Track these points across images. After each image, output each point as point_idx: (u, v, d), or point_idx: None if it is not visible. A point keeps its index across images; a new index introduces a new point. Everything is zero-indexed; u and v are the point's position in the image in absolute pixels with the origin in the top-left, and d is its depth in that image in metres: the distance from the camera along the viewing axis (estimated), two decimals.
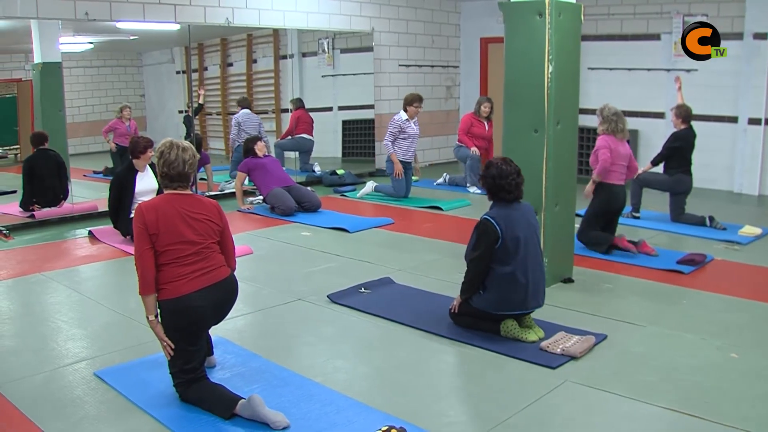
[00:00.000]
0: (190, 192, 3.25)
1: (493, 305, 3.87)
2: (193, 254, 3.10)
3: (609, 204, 5.73)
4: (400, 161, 8.05)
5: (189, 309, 3.07)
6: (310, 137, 9.89)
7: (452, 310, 4.08)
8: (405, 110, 8.07)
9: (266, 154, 7.74)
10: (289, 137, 9.84)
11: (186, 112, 10.05)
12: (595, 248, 5.66)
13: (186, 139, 8.80)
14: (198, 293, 3.09)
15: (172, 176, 3.16)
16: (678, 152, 6.67)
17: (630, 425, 3.03)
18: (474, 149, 8.68)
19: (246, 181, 7.82)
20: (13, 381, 3.45)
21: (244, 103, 9.61)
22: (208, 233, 3.18)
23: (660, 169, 6.90)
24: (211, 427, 2.98)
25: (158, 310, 3.12)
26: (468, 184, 8.78)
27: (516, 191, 3.87)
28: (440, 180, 9.17)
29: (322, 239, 6.37)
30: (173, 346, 3.11)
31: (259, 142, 7.62)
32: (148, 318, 3.12)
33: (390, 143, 8.08)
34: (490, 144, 9.01)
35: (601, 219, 5.76)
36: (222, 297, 3.21)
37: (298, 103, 10.05)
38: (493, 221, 3.79)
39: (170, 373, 3.19)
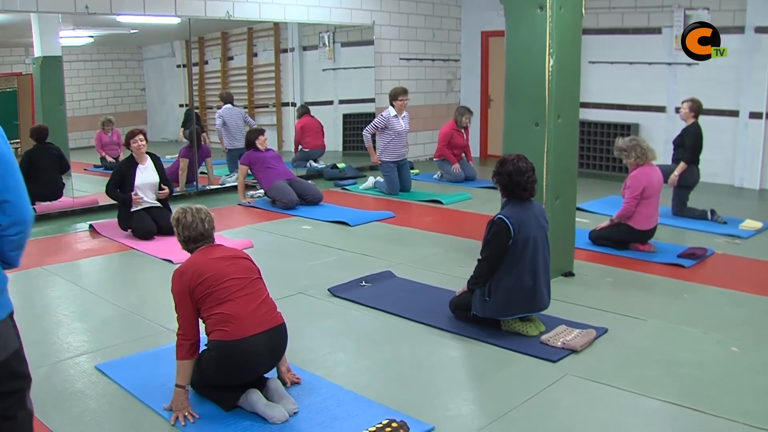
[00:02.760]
0: (217, 243, 3.26)
1: (498, 312, 3.84)
2: (241, 290, 3.04)
3: (632, 240, 5.57)
4: (393, 161, 8.06)
5: (246, 353, 2.97)
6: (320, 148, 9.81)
7: (456, 296, 4.10)
8: (392, 105, 8.04)
9: (267, 147, 7.72)
10: (300, 149, 9.71)
11: (187, 106, 10.02)
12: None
13: (186, 132, 8.78)
14: (258, 337, 2.99)
15: (195, 237, 3.18)
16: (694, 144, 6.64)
17: (631, 419, 3.03)
18: (456, 166, 8.73)
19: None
20: None
21: (227, 99, 9.36)
22: (249, 269, 3.16)
23: (668, 161, 6.88)
24: (211, 421, 2.98)
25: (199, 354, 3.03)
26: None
27: (531, 189, 3.85)
28: (436, 175, 9.16)
29: (323, 233, 6.37)
30: (197, 417, 2.99)
31: (260, 136, 7.57)
32: (177, 386, 3.00)
33: (369, 135, 8.09)
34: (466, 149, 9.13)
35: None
36: (278, 343, 3.13)
37: (303, 110, 9.83)
38: (507, 221, 3.77)
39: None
